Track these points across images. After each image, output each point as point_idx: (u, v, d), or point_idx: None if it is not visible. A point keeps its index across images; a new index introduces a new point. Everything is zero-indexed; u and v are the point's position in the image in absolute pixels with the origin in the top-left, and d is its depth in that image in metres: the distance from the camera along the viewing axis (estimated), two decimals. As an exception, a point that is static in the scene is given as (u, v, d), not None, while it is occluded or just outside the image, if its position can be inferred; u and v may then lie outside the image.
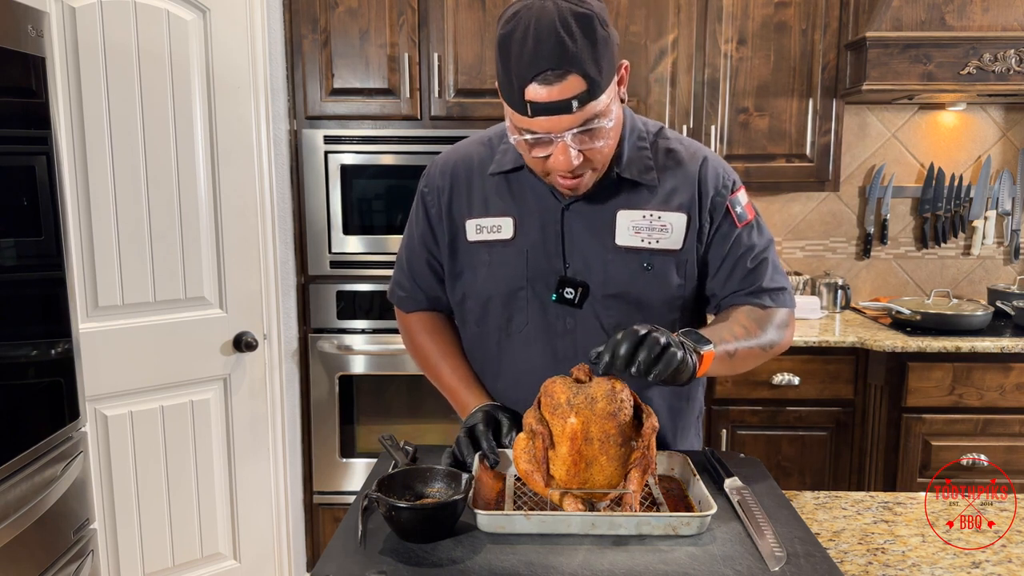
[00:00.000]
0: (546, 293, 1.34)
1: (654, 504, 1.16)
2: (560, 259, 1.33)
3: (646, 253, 1.32)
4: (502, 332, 1.39)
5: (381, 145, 2.73)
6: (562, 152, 1.18)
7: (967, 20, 2.65)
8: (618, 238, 1.32)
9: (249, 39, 2.47)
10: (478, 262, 1.37)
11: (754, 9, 2.80)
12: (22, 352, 1.82)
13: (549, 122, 1.15)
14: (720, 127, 2.86)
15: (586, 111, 1.15)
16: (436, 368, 1.48)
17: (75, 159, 2.15)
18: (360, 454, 2.89)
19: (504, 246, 1.35)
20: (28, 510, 1.75)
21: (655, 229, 1.32)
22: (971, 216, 3.20)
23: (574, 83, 1.13)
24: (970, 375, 2.58)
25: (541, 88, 1.13)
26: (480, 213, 1.36)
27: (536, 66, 1.12)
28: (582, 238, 1.33)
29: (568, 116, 1.15)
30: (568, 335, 1.35)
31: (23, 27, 1.77)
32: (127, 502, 2.35)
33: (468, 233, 1.37)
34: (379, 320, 2.82)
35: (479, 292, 1.38)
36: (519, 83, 1.14)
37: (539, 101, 1.14)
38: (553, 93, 1.13)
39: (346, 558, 1.00)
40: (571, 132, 1.17)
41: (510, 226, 1.34)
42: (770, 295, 1.37)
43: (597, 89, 1.15)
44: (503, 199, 1.36)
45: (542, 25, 1.12)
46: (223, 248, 2.46)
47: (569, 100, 1.13)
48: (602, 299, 1.33)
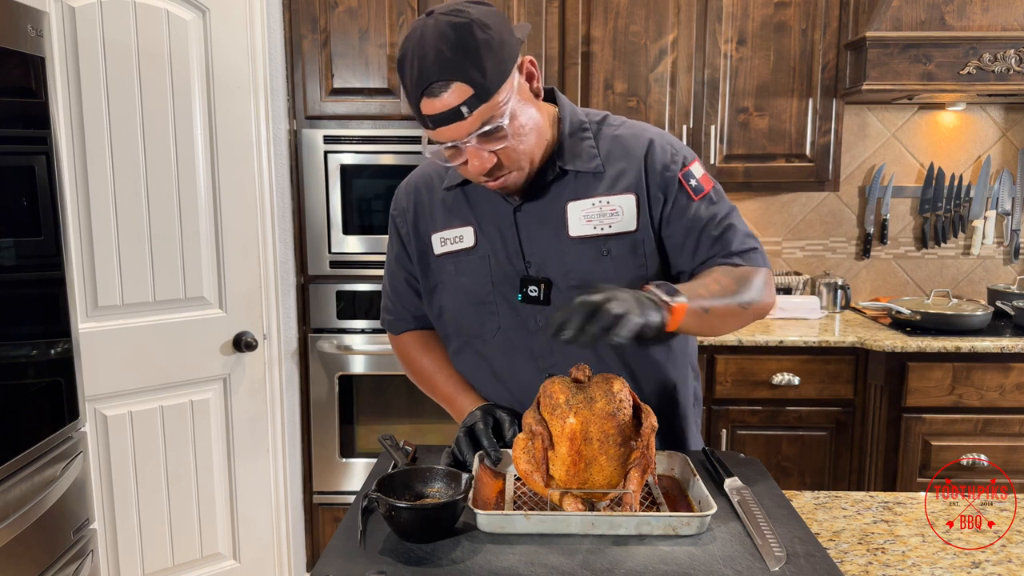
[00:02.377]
0: (513, 295, 1.36)
1: (654, 504, 1.16)
2: (520, 259, 1.36)
3: (601, 239, 1.33)
4: (479, 339, 1.41)
5: (381, 145, 2.73)
6: (473, 156, 1.22)
7: (967, 20, 2.65)
8: (571, 229, 1.33)
9: (249, 39, 2.47)
10: (446, 274, 1.41)
11: (754, 9, 2.80)
12: (22, 352, 1.82)
13: (449, 131, 1.19)
14: (720, 127, 2.86)
15: (480, 114, 1.18)
16: (431, 381, 1.51)
17: (75, 159, 2.15)
18: (360, 454, 2.89)
19: (467, 255, 1.38)
20: (28, 510, 1.75)
21: (606, 215, 1.33)
22: (971, 216, 3.20)
23: (460, 90, 1.16)
24: (970, 375, 2.58)
25: (431, 100, 1.17)
26: (443, 226, 1.40)
27: (423, 81, 1.17)
28: (537, 235, 1.35)
29: (463, 122, 1.18)
30: (541, 332, 1.36)
31: (23, 27, 1.76)
32: (127, 502, 2.35)
33: (435, 247, 1.41)
34: (379, 320, 2.81)
35: (451, 304, 1.42)
36: (415, 100, 1.20)
37: (433, 113, 1.18)
38: (441, 103, 1.17)
39: (346, 558, 1.00)
40: (472, 136, 1.20)
41: (471, 235, 1.38)
42: (741, 256, 1.34)
43: (485, 92, 1.17)
44: (461, 210, 1.39)
45: (424, 42, 1.16)
46: (223, 248, 2.46)
47: (458, 107, 1.17)
48: (567, 291, 1.34)
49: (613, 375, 1.17)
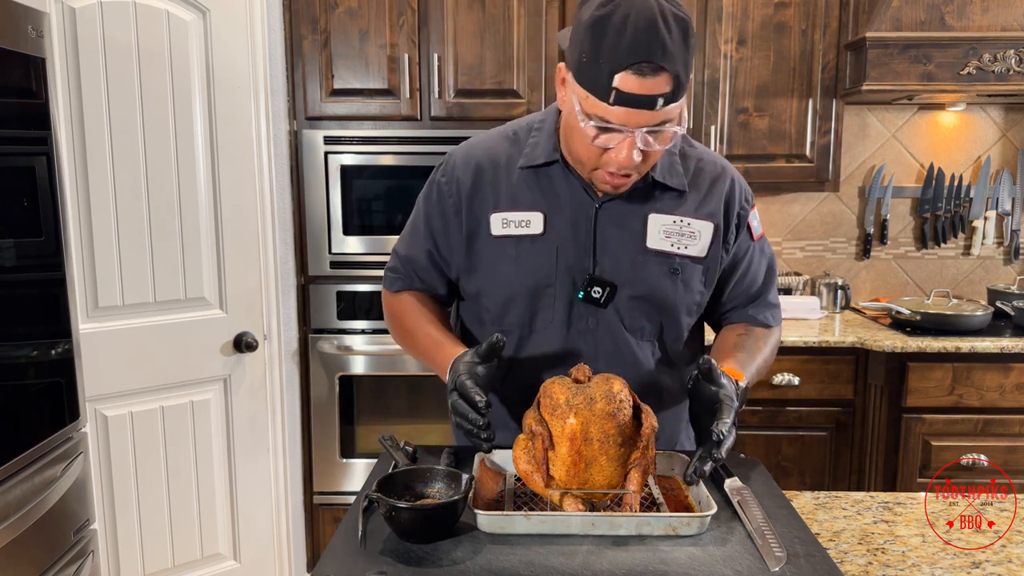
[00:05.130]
0: (572, 291, 1.33)
1: (654, 504, 1.16)
2: (590, 257, 1.32)
3: (675, 258, 1.33)
4: (524, 328, 1.36)
5: (381, 145, 2.73)
6: (628, 147, 1.16)
7: (967, 20, 2.65)
8: (649, 241, 1.32)
9: (249, 39, 2.47)
10: (502, 256, 1.34)
11: (754, 9, 2.80)
12: (22, 352, 1.82)
13: (628, 114, 1.13)
14: (720, 127, 2.86)
15: (666, 112, 1.14)
16: (416, 334, 1.40)
17: (75, 159, 2.15)
18: (360, 454, 2.89)
19: (532, 241, 1.32)
20: (28, 510, 1.75)
21: (684, 235, 1.32)
22: (971, 216, 3.20)
23: (664, 81, 1.11)
24: (970, 375, 2.58)
25: (633, 79, 1.10)
26: (507, 207, 1.33)
27: (634, 55, 1.09)
28: (614, 238, 1.32)
29: (649, 112, 1.13)
30: (589, 334, 1.34)
31: (23, 27, 1.76)
32: (127, 503, 2.35)
33: (493, 227, 1.34)
34: (379, 320, 2.81)
35: (501, 287, 1.35)
36: (609, 68, 1.11)
37: (628, 91, 1.11)
38: (644, 86, 1.11)
39: (346, 558, 1.00)
40: (644, 129, 1.15)
41: (540, 221, 1.32)
42: (771, 313, 1.45)
43: (680, 92, 1.14)
44: (532, 193, 1.33)
45: (642, 17, 1.09)
46: (223, 248, 2.46)
47: (656, 96, 1.12)
48: (627, 300, 1.33)
49: (613, 375, 1.17)
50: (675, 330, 1.38)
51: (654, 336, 1.37)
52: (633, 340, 1.35)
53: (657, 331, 1.37)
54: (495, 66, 2.73)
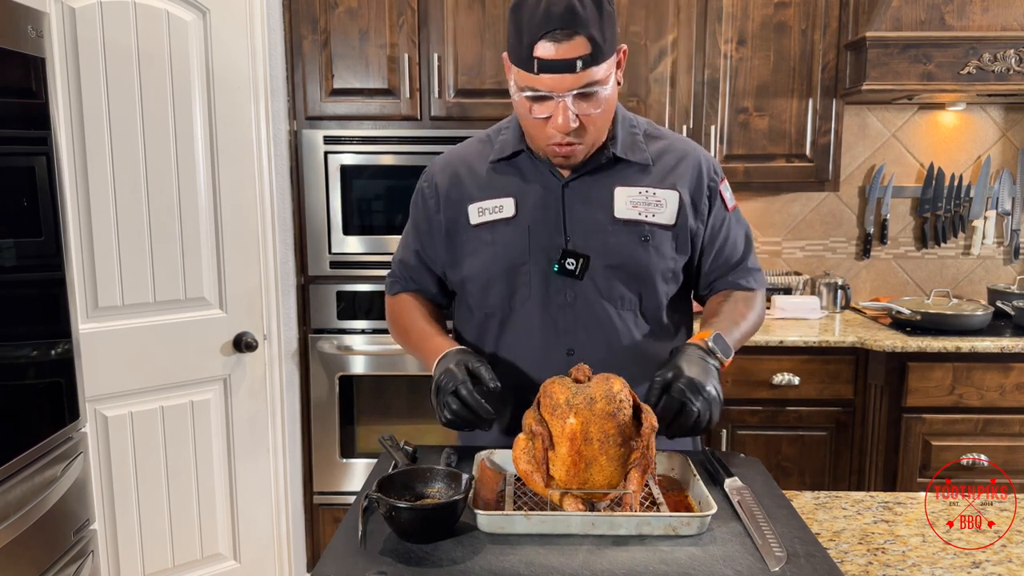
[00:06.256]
0: (547, 266, 1.38)
1: (654, 504, 1.16)
2: (561, 234, 1.38)
3: (645, 226, 1.38)
4: (504, 308, 1.42)
5: (381, 145, 2.73)
6: (562, 112, 1.24)
7: (967, 20, 2.65)
8: (617, 211, 1.38)
9: (249, 39, 2.47)
10: (480, 243, 1.41)
11: (754, 9, 2.80)
12: (22, 352, 1.82)
13: (553, 80, 1.22)
14: (720, 127, 2.86)
15: (588, 74, 1.22)
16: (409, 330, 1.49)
17: (75, 159, 2.15)
18: (360, 454, 2.89)
19: (506, 224, 1.40)
20: (28, 511, 1.75)
21: (651, 204, 1.39)
22: (971, 216, 3.20)
23: (580, 44, 1.20)
24: (970, 375, 2.58)
25: (549, 45, 1.20)
26: (482, 197, 1.41)
27: (547, 24, 1.19)
28: (582, 212, 1.38)
29: (571, 75, 1.21)
30: (568, 307, 1.39)
31: (23, 27, 1.77)
32: (127, 503, 2.35)
33: (471, 217, 1.41)
34: (379, 320, 2.82)
35: (480, 272, 1.42)
36: (529, 40, 1.21)
37: (546, 58, 1.20)
38: (560, 51, 1.20)
39: (346, 558, 1.00)
40: (571, 93, 1.23)
41: (511, 205, 1.39)
42: (753, 277, 1.50)
43: (600, 55, 1.22)
44: (504, 182, 1.41)
45: None
46: (223, 248, 2.46)
47: (574, 60, 1.20)
48: (603, 270, 1.38)
49: (613, 375, 1.17)
50: (654, 298, 1.42)
51: (635, 306, 1.42)
52: (613, 310, 1.40)
53: (636, 300, 1.42)
54: (495, 66, 2.73)
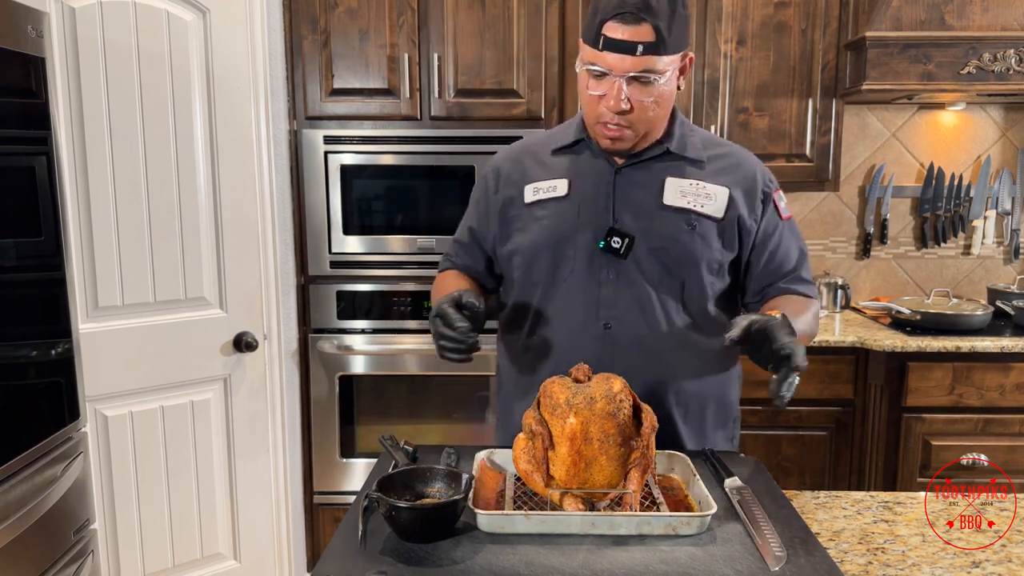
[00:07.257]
0: (593, 243, 1.43)
1: (654, 504, 1.16)
2: (610, 213, 1.44)
3: (692, 215, 1.43)
4: (548, 280, 1.47)
5: (381, 145, 2.73)
6: (617, 91, 1.32)
7: (967, 20, 2.65)
8: (666, 198, 1.44)
9: (249, 39, 2.47)
10: (532, 219, 1.48)
11: (754, 9, 2.80)
12: (22, 352, 1.82)
13: (613, 59, 1.30)
14: (720, 127, 2.86)
15: (647, 60, 1.29)
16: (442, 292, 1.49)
17: (75, 159, 2.15)
18: (360, 454, 2.89)
19: (558, 202, 1.47)
20: (28, 510, 1.75)
21: (700, 195, 1.44)
22: (971, 216, 3.20)
23: (645, 31, 1.28)
24: (970, 375, 2.58)
25: (617, 26, 1.29)
26: (538, 178, 1.50)
27: (621, 6, 1.28)
28: (631, 196, 1.45)
29: (631, 58, 1.29)
30: (609, 284, 1.44)
31: (23, 27, 1.76)
32: (127, 502, 2.35)
33: (526, 196, 1.50)
34: (379, 320, 2.82)
35: (529, 245, 1.48)
36: (601, 18, 1.30)
37: (612, 37, 1.29)
38: (626, 33, 1.28)
39: (346, 558, 1.00)
40: (627, 75, 1.31)
41: (565, 185, 1.47)
42: (807, 288, 1.53)
43: (663, 47, 1.29)
44: (561, 165, 1.50)
45: None
46: (223, 248, 2.46)
47: (636, 43, 1.28)
48: (647, 252, 1.42)
49: (613, 375, 1.17)
50: (697, 286, 1.45)
51: (677, 293, 1.44)
52: (654, 293, 1.43)
53: (679, 286, 1.44)
54: (495, 66, 2.73)
